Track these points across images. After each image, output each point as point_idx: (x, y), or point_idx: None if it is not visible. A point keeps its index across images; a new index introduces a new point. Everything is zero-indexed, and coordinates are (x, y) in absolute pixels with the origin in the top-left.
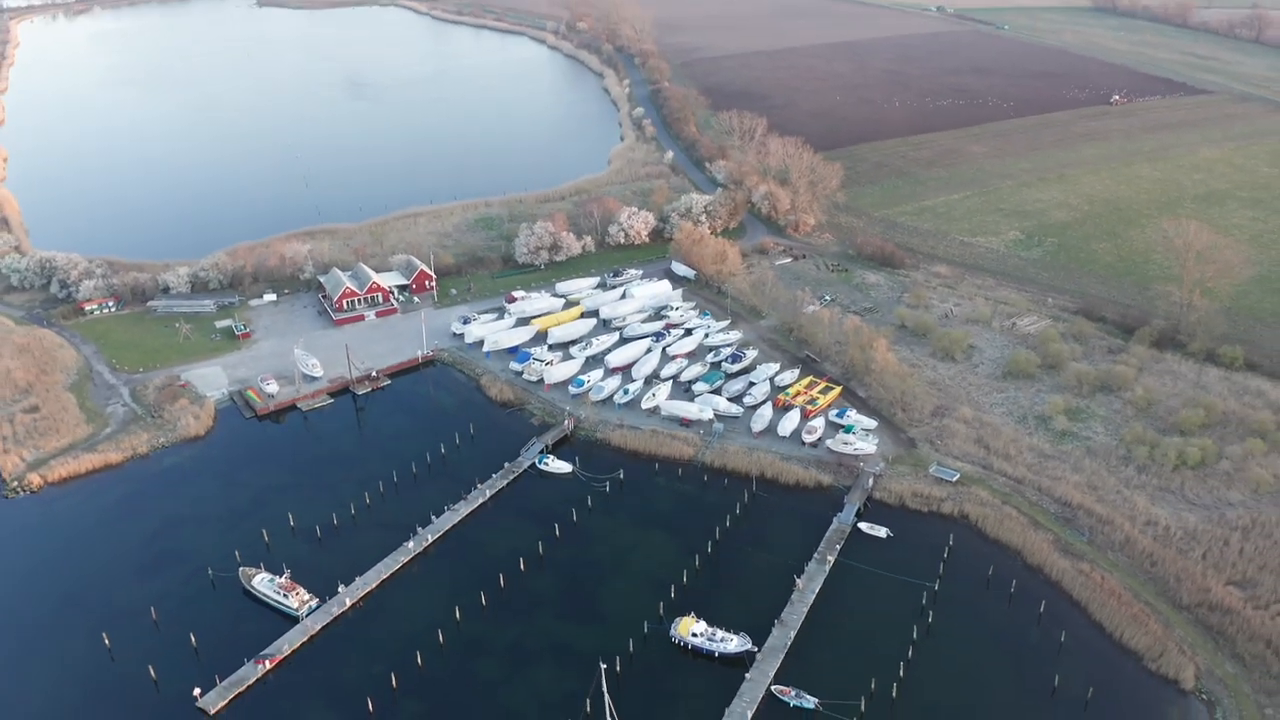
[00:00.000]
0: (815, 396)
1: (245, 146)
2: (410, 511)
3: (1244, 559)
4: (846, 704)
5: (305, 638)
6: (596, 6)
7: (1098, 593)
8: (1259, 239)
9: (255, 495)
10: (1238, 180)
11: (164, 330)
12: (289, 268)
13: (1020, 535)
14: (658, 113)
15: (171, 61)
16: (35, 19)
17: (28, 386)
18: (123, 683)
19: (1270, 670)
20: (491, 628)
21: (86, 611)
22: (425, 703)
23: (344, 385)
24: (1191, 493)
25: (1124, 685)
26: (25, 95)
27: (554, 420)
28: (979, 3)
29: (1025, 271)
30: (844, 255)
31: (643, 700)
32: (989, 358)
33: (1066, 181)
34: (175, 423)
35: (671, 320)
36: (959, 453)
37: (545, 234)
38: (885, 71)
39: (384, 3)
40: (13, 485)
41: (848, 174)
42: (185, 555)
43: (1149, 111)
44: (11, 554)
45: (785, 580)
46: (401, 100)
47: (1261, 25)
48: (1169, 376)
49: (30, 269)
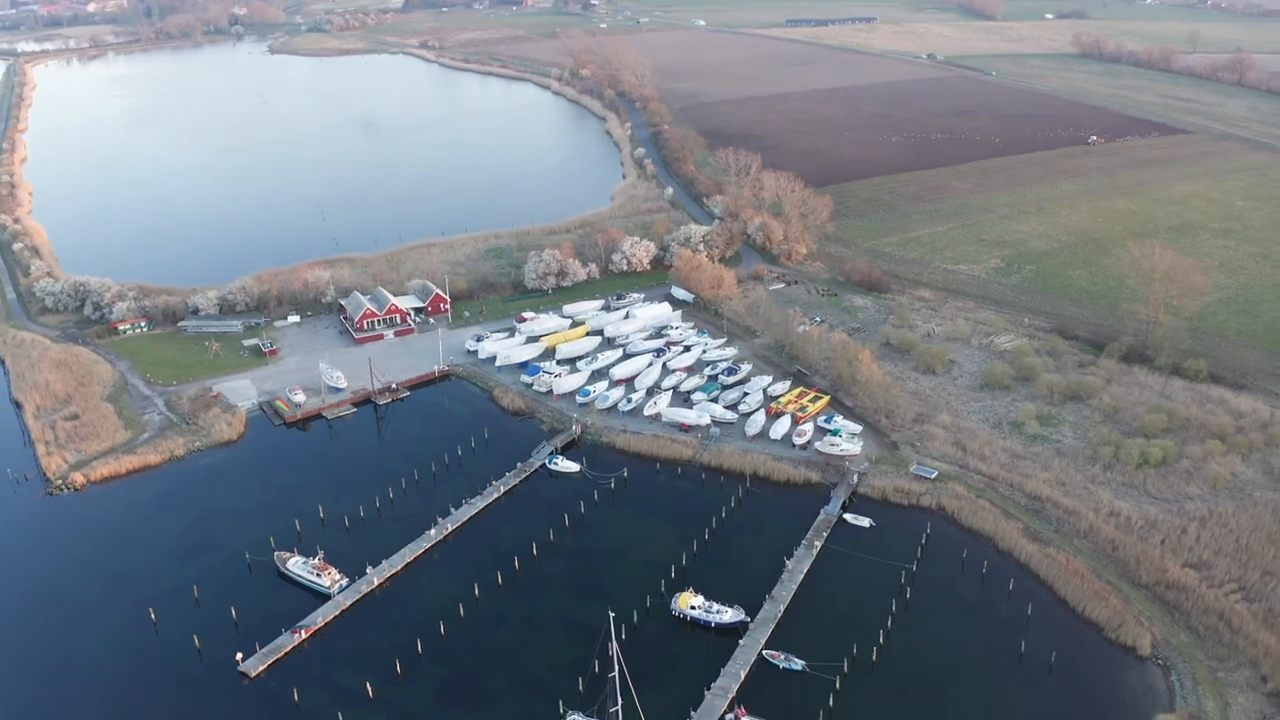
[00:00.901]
0: (805, 405)
1: (264, 183)
2: (431, 505)
3: (1200, 544)
4: (831, 665)
5: (337, 611)
6: (599, 54)
7: (1063, 572)
8: (1227, 265)
9: (286, 492)
10: (1210, 212)
11: (195, 348)
12: (311, 292)
13: (992, 524)
14: (658, 153)
15: (188, 103)
16: (50, 63)
17: (67, 397)
18: (169, 651)
19: (1223, 639)
20: (507, 603)
21: (132, 591)
22: (448, 667)
23: (366, 396)
24: (1153, 488)
25: (1085, 651)
26: (45, 134)
27: (562, 426)
28: (968, 50)
29: (1004, 295)
30: (834, 281)
31: (646, 664)
32: (967, 371)
33: (1046, 214)
34: (209, 429)
35: (671, 338)
36: (938, 454)
37: (553, 261)
38: (875, 114)
39: (392, 50)
40: (57, 484)
41: (838, 208)
42: (223, 543)
43: (1128, 150)
44: (59, 544)
45: (776, 562)
46: (412, 140)
47: (1243, 68)
48: (1136, 387)
49: (64, 292)
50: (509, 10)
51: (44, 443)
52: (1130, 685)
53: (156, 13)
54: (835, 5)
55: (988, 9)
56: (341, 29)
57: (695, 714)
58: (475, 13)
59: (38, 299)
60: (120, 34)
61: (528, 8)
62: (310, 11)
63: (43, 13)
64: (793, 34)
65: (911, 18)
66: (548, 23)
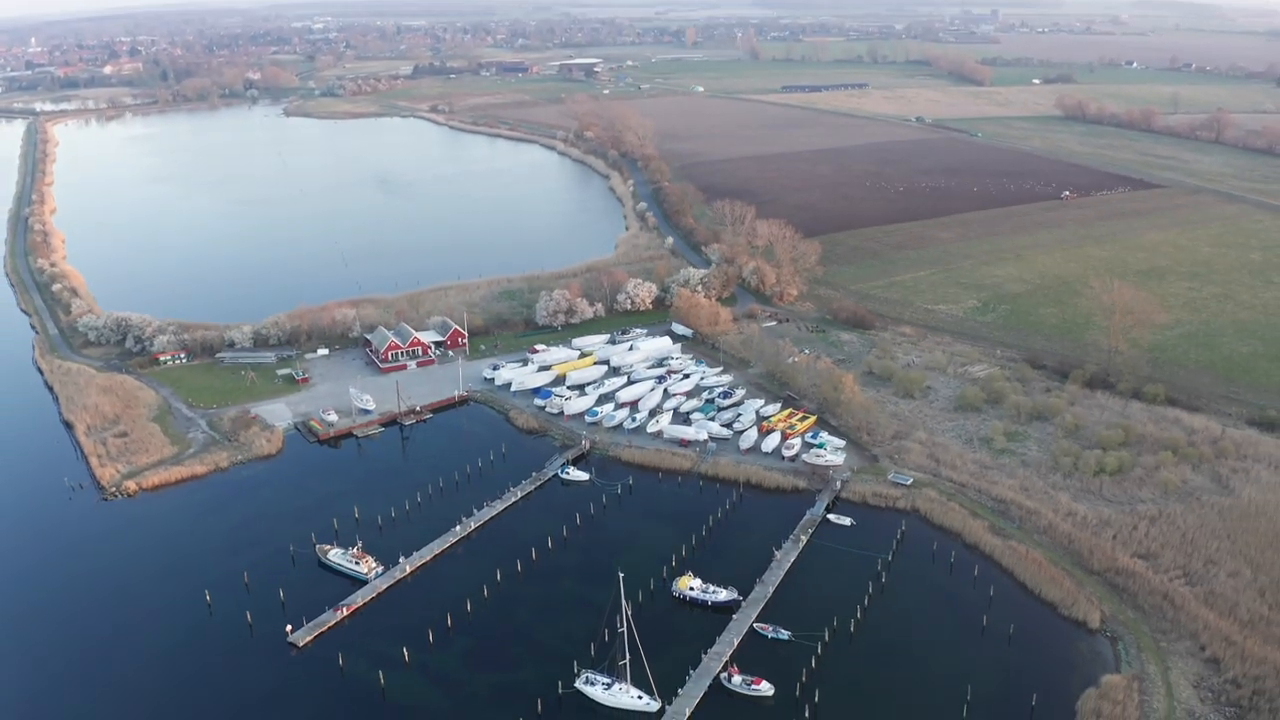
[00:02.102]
0: (794, 423)
1: (286, 231)
2: (455, 508)
3: (1149, 538)
4: (813, 634)
5: (374, 594)
6: (602, 117)
7: (1023, 561)
8: (1191, 304)
9: (323, 497)
10: (1178, 258)
11: (231, 377)
12: (339, 327)
13: (961, 522)
14: (658, 206)
15: (207, 160)
16: (69, 122)
17: (115, 417)
18: (222, 627)
19: (1166, 616)
20: (526, 587)
21: (187, 578)
22: (474, 637)
23: (392, 417)
24: (1108, 492)
25: (1041, 626)
26: (71, 188)
27: (573, 442)
28: (955, 113)
29: (979, 332)
30: (822, 319)
31: (650, 636)
32: (943, 395)
33: (1022, 260)
34: (250, 444)
35: (672, 367)
36: (914, 465)
37: (562, 300)
38: (865, 172)
39: (404, 114)
40: (111, 490)
41: (827, 256)
42: (267, 539)
43: (1104, 203)
44: (116, 541)
45: (766, 552)
46: (426, 195)
47: (1221, 126)
48: (1097, 409)
49: (106, 326)
50: (515, 77)
51: (96, 456)
52: (1081, 653)
53: (172, 76)
54: (829, 72)
55: (976, 75)
56: (354, 94)
57: (694, 672)
58: (482, 79)
59: (80, 333)
60: (138, 96)
61: (533, 75)
62: (323, 77)
63: (59, 74)
64: (788, 99)
65: (902, 84)
66: (553, 89)
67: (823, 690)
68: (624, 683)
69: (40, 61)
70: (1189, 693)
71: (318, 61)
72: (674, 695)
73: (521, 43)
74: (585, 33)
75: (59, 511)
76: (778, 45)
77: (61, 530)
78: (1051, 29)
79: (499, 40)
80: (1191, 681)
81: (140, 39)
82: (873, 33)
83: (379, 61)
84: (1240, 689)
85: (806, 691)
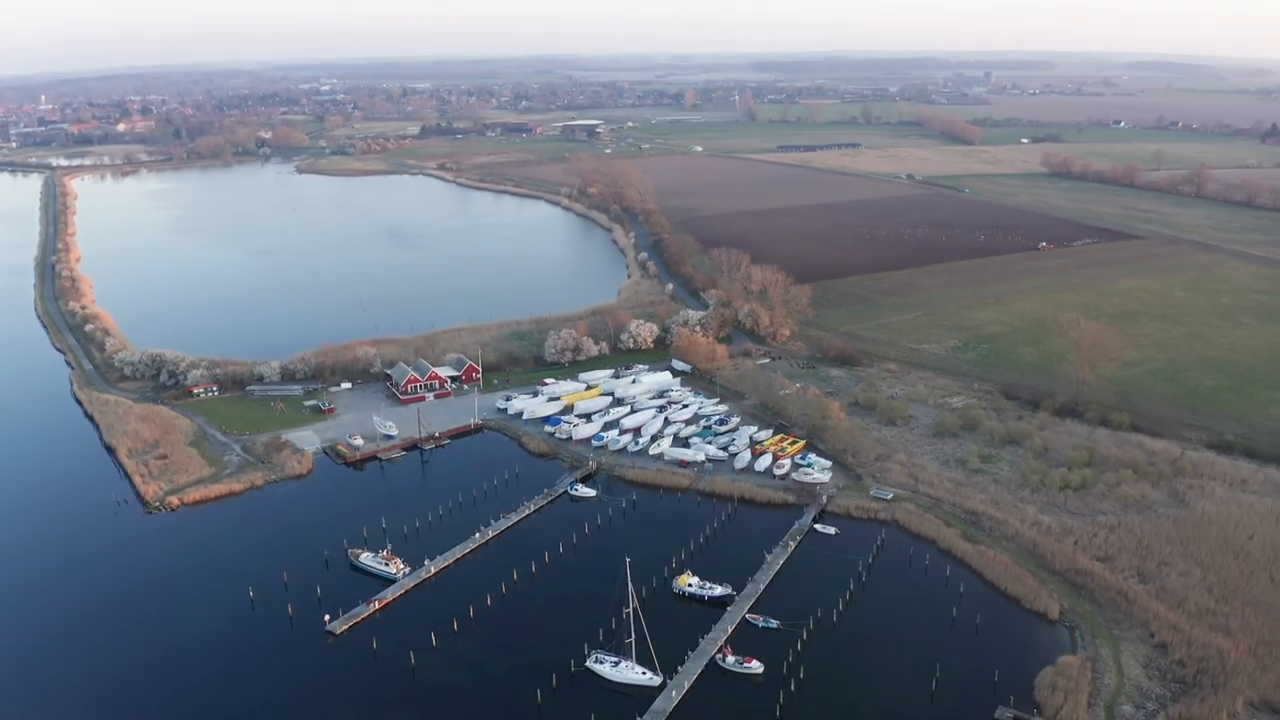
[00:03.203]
0: (785, 446)
1: (304, 279)
2: (473, 519)
3: (1107, 544)
4: (799, 623)
5: (402, 591)
6: (605, 175)
7: (991, 563)
8: (1160, 343)
9: (351, 511)
10: (1151, 302)
11: (262, 408)
12: (361, 363)
13: (936, 530)
14: (659, 256)
15: (224, 213)
16: (86, 176)
17: (155, 442)
18: (265, 618)
19: (1119, 608)
20: (540, 585)
21: (229, 578)
22: (495, 626)
23: (413, 443)
24: (1072, 505)
25: (1005, 617)
26: (94, 237)
27: (581, 463)
28: (945, 171)
29: (959, 368)
30: (812, 357)
31: (652, 624)
32: (923, 423)
33: (1002, 305)
34: (282, 465)
35: (672, 398)
36: (894, 482)
37: (569, 338)
38: (856, 226)
39: (413, 172)
40: (155, 505)
41: (818, 300)
42: (302, 546)
43: (1083, 253)
44: (163, 549)
45: (758, 555)
46: (437, 247)
47: (1201, 181)
48: (1065, 434)
49: (141, 362)
50: (519, 137)
51: (139, 475)
52: (1041, 639)
53: (185, 134)
54: (823, 133)
55: (966, 135)
56: (364, 152)
57: (692, 653)
58: (488, 140)
59: (116, 368)
60: (152, 153)
61: (537, 135)
62: (333, 136)
63: (73, 131)
64: (783, 158)
65: (894, 143)
66: (556, 148)
67: (807, 669)
68: (629, 660)
69: (53, 118)
70: (1138, 671)
71: (327, 122)
72: (674, 672)
73: (525, 105)
74: (587, 95)
75: (107, 524)
76: (774, 107)
77: (110, 540)
78: (1042, 90)
79: (503, 102)
80: (1141, 662)
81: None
82: (867, 95)
83: (386, 122)
84: (1185, 668)
85: (793, 670)
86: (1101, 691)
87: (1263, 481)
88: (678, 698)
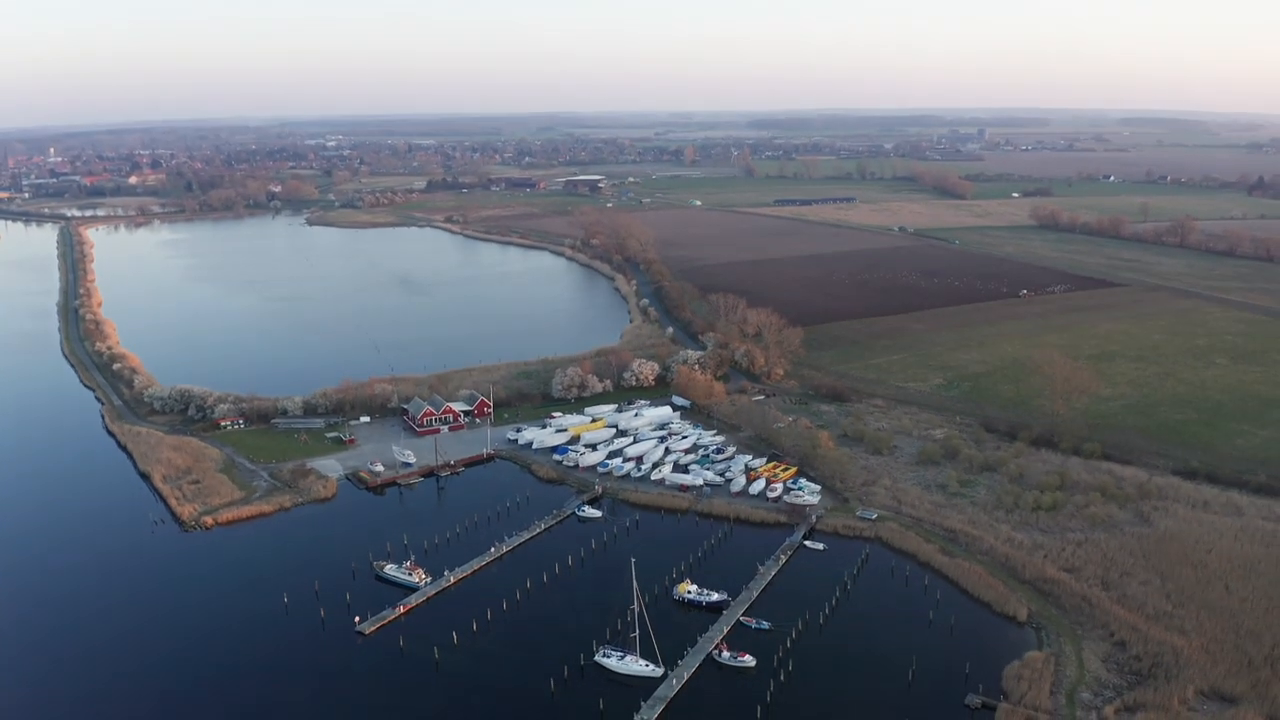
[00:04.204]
0: (778, 472)
1: (320, 322)
2: (488, 537)
3: (1074, 557)
4: (789, 624)
5: (425, 597)
6: (607, 226)
7: (966, 573)
8: (1135, 381)
9: (375, 529)
10: (1129, 344)
11: (286, 439)
12: (379, 399)
13: (916, 546)
14: (660, 303)
15: (239, 262)
16: (100, 227)
17: (187, 469)
18: (299, 621)
19: (1083, 612)
20: (551, 592)
21: (264, 586)
22: (511, 627)
23: (430, 470)
24: (1043, 524)
25: (977, 619)
26: (113, 283)
27: (587, 488)
28: (937, 224)
29: (943, 404)
30: (804, 394)
31: (654, 627)
32: (907, 452)
33: (985, 346)
34: (308, 489)
35: (672, 429)
36: (879, 504)
37: (575, 375)
38: (849, 274)
39: (420, 224)
40: (191, 524)
41: (810, 343)
42: (330, 559)
43: (1065, 299)
44: (200, 564)
45: (751, 567)
46: (446, 294)
47: (1184, 232)
48: (1040, 462)
49: (170, 397)
50: (523, 192)
51: (174, 498)
52: (1009, 638)
53: (196, 187)
54: (819, 187)
55: (958, 189)
56: (372, 205)
57: (691, 649)
58: (492, 194)
59: (145, 403)
60: (165, 204)
61: (540, 190)
62: (341, 190)
63: (85, 183)
64: (780, 212)
65: (888, 198)
66: (559, 202)
67: (795, 663)
68: (634, 654)
69: (63, 170)
70: (1097, 665)
71: (334, 176)
72: (674, 665)
73: (528, 160)
74: (589, 151)
75: (145, 542)
76: (772, 163)
77: (150, 555)
78: (1035, 146)
79: (506, 158)
80: (1100, 657)
81: (159, 152)
82: (863, 152)
83: (392, 177)
84: (1141, 662)
85: (782, 663)
86: (1063, 682)
87: (1224, 503)
88: (677, 686)
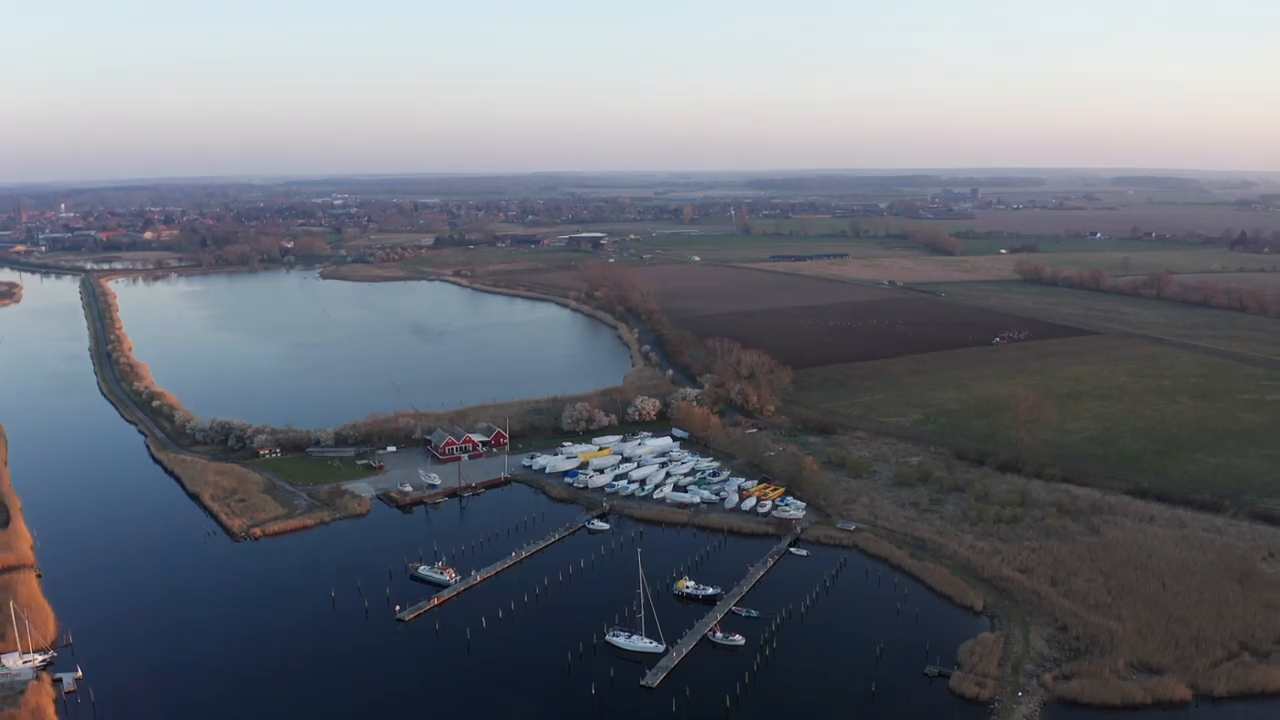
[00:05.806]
0: (767, 491)
1: (339, 364)
2: (508, 545)
3: (1028, 560)
4: (775, 613)
5: (455, 592)
6: (610, 279)
7: (931, 572)
8: (1100, 417)
9: (406, 540)
10: (1096, 385)
11: (320, 465)
12: (404, 431)
13: (888, 552)
14: (660, 349)
15: (258, 312)
16: (119, 279)
17: (232, 490)
18: (345, 612)
19: (1033, 603)
20: (567, 589)
21: (311, 585)
22: (532, 615)
23: (453, 491)
24: (1003, 534)
25: (938, 610)
26: (139, 329)
27: (595, 505)
28: (925, 278)
29: (921, 436)
30: (793, 427)
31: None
32: (885, 476)
33: (962, 387)
34: (345, 506)
35: (672, 456)
36: (857, 519)
37: (583, 410)
38: (839, 324)
39: (430, 278)
40: (241, 535)
41: (800, 383)
42: (369, 562)
43: (1040, 345)
44: (252, 569)
45: (742, 569)
46: (458, 341)
47: (1161, 285)
48: (1004, 484)
49: (212, 429)
50: (528, 248)
51: (224, 514)
52: (966, 624)
53: (210, 243)
54: (814, 244)
55: (948, 246)
56: (383, 260)
57: (689, 630)
58: (499, 250)
59: (187, 435)
60: (181, 259)
61: (545, 246)
62: (352, 246)
63: (101, 237)
64: (775, 267)
65: (880, 254)
66: (563, 258)
67: (779, 641)
68: (639, 634)
69: (77, 225)
70: (1041, 644)
71: (344, 233)
72: (674, 642)
73: (531, 218)
74: (590, 210)
75: (200, 551)
76: (768, 221)
77: (206, 562)
78: (1026, 205)
79: (510, 216)
80: (1044, 638)
81: (170, 208)
82: (857, 210)
83: (400, 234)
84: (1080, 641)
85: (768, 642)
86: (1010, 656)
87: (1169, 518)
88: (677, 659)
